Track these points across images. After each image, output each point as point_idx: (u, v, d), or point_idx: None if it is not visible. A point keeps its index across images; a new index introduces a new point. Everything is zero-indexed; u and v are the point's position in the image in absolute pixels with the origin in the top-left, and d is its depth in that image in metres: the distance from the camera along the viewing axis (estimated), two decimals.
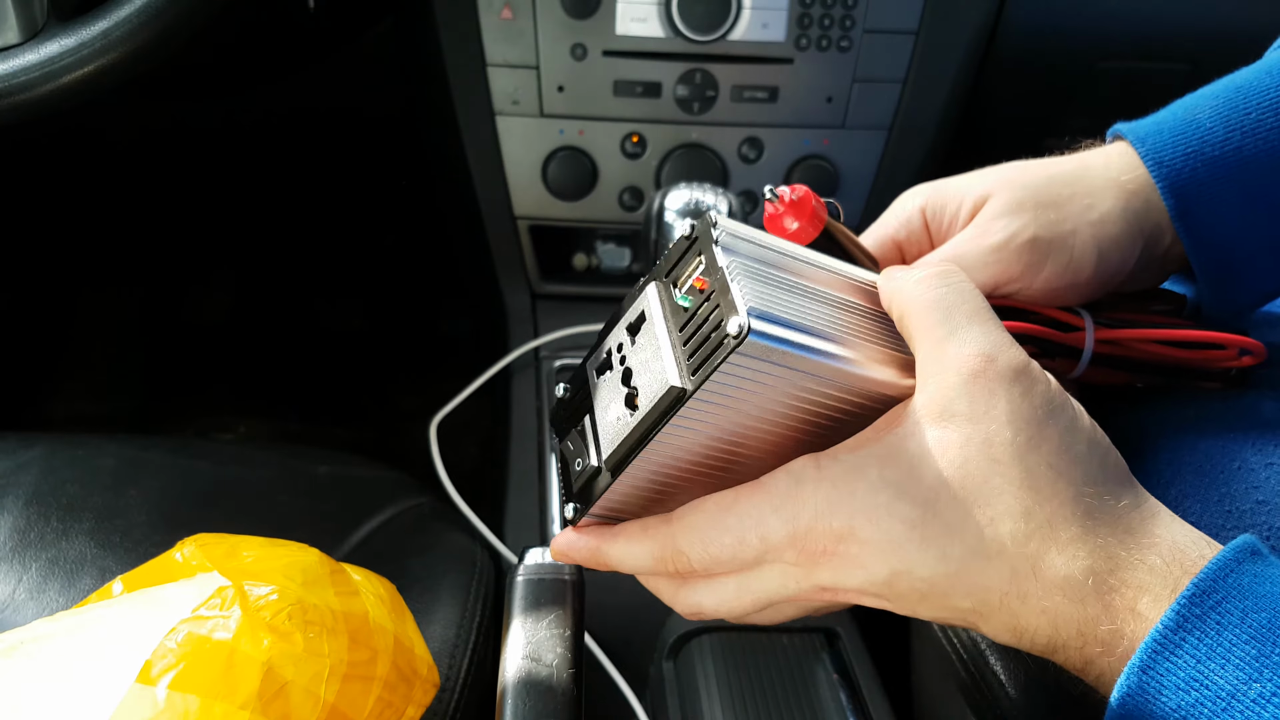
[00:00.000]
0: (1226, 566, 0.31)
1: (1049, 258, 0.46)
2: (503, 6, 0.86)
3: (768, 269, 0.36)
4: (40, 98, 0.62)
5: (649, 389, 0.35)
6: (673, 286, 0.36)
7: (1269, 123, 0.46)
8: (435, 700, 0.52)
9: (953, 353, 0.34)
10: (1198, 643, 0.30)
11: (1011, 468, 0.32)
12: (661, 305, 0.36)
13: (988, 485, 0.32)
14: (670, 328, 0.35)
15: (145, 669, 0.42)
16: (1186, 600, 0.30)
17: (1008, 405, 0.33)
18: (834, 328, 0.35)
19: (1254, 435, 0.44)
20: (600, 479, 0.37)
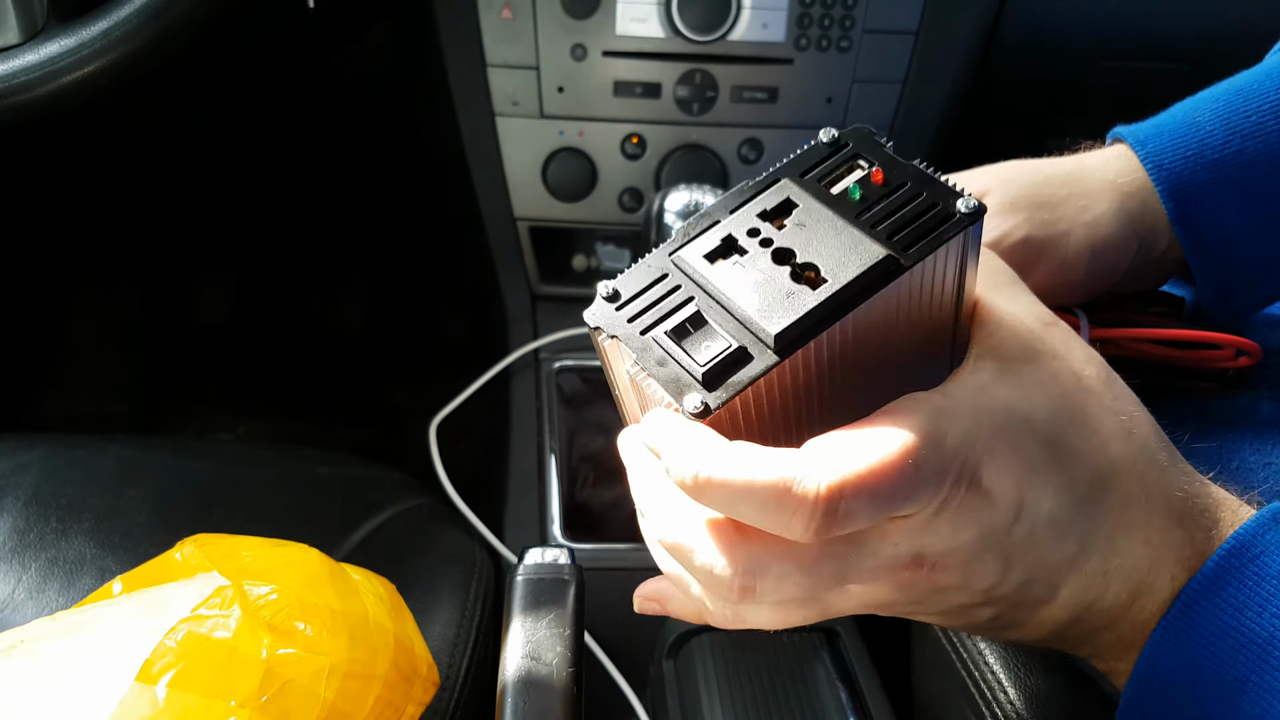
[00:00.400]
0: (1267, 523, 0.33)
1: (1042, 257, 0.46)
2: (503, 7, 0.86)
3: None
4: (40, 98, 0.62)
5: (843, 262, 0.30)
6: (818, 184, 0.33)
7: (1269, 125, 0.46)
8: (435, 699, 0.52)
9: (1025, 304, 0.35)
10: (1236, 591, 0.31)
11: (1103, 396, 0.33)
12: (809, 196, 0.32)
13: (1088, 412, 0.32)
14: (837, 214, 0.31)
15: (145, 668, 0.42)
16: (1227, 551, 0.32)
17: (1081, 348, 0.34)
18: None
19: (1252, 435, 0.44)
20: (758, 360, 0.30)
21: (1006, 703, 0.48)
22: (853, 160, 0.33)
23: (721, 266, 0.32)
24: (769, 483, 0.28)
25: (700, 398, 0.30)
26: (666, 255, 0.33)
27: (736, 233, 0.32)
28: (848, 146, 0.33)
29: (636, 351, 0.31)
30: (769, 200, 0.32)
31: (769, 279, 0.31)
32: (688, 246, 0.32)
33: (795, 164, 0.33)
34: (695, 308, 0.31)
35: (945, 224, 0.30)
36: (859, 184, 0.32)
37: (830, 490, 0.28)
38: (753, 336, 0.30)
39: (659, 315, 0.32)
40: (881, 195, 0.31)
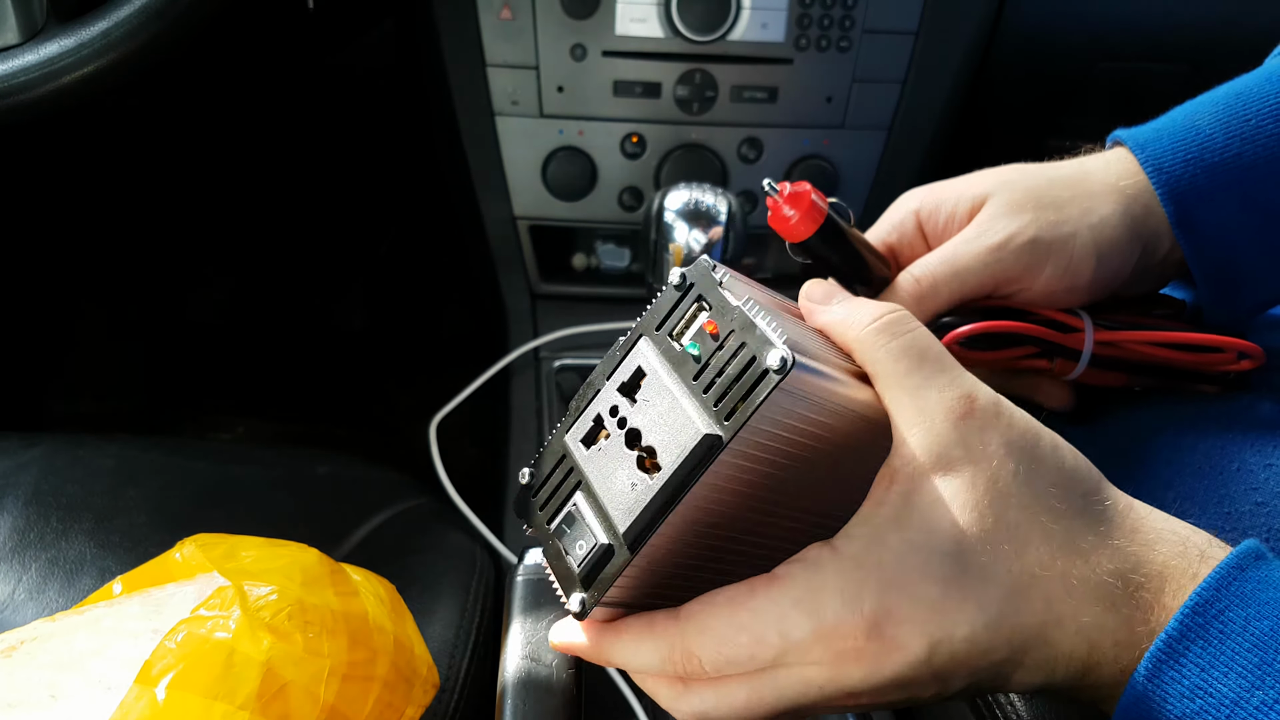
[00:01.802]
0: (1229, 574, 0.31)
1: (1048, 260, 0.46)
2: (502, 7, 0.86)
3: (766, 307, 0.34)
4: (40, 98, 0.62)
5: (672, 444, 0.32)
6: (669, 339, 0.34)
7: (1269, 129, 0.46)
8: (435, 700, 0.52)
9: (934, 398, 0.33)
10: (1201, 651, 0.30)
11: (1021, 497, 0.32)
12: (660, 358, 0.33)
13: (1004, 521, 0.32)
14: (679, 379, 0.33)
15: (145, 669, 0.42)
16: (1190, 609, 0.31)
17: (1000, 440, 0.33)
18: (826, 355, 0.35)
19: (1253, 436, 0.44)
20: (617, 557, 0.33)
21: (1007, 703, 0.48)
22: (697, 304, 0.33)
23: (593, 452, 0.34)
24: (646, 661, 0.34)
25: (580, 597, 0.33)
26: (564, 437, 0.35)
27: (603, 411, 0.34)
28: (691, 289, 0.34)
29: (544, 544, 0.35)
30: (625, 370, 0.34)
31: (623, 467, 0.33)
32: (571, 430, 0.35)
33: (653, 315, 0.34)
34: (571, 505, 0.34)
35: (758, 385, 0.31)
36: (697, 338, 0.33)
37: (686, 655, 0.33)
38: (614, 530, 0.33)
39: (554, 508, 0.35)
40: (714, 350, 0.32)
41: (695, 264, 0.34)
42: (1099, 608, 0.32)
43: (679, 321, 0.34)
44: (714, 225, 0.74)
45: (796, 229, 0.46)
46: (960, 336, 0.47)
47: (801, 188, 0.46)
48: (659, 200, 0.79)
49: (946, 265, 0.47)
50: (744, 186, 0.94)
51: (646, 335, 0.34)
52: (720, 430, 0.31)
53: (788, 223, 0.47)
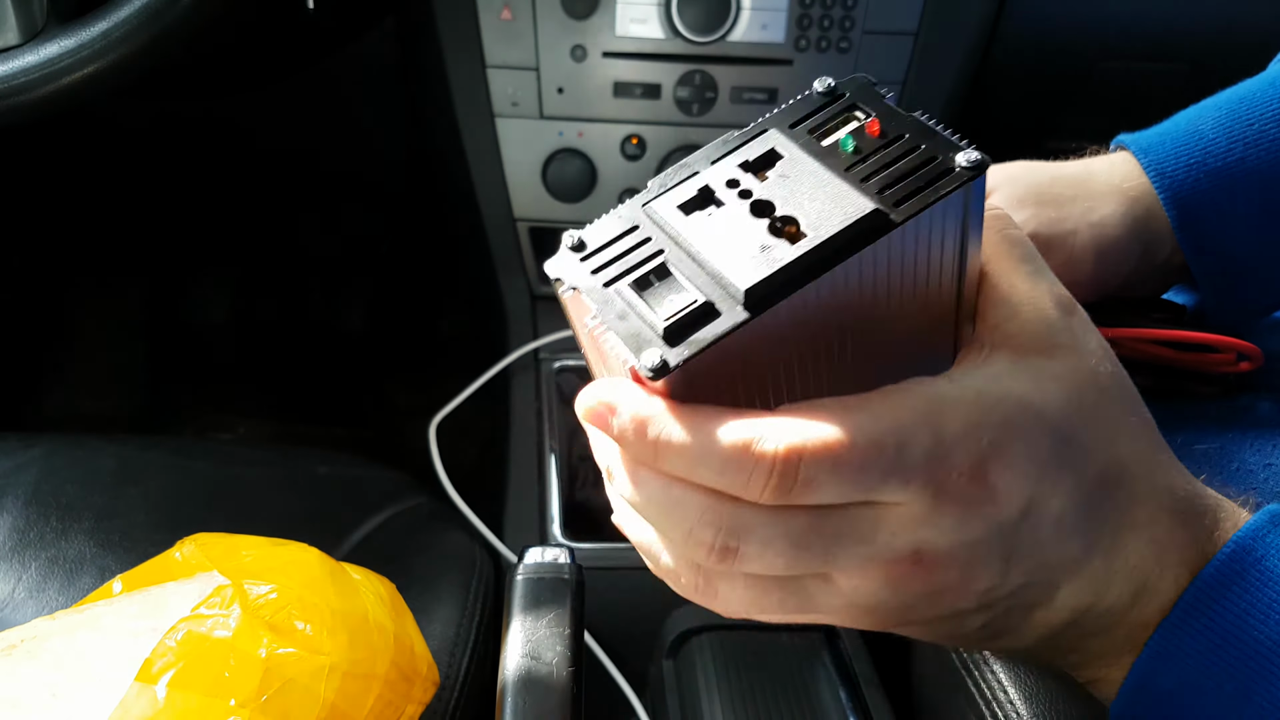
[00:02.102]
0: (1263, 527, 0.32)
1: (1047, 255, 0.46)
2: (502, 7, 0.86)
3: None
4: (40, 99, 0.62)
5: (826, 215, 0.28)
6: (808, 135, 0.30)
7: (1272, 134, 0.46)
8: (435, 699, 0.52)
9: (1045, 289, 0.33)
10: (1239, 596, 0.31)
11: (1119, 394, 0.33)
12: (799, 147, 0.30)
13: (1103, 409, 0.32)
14: (828, 167, 0.29)
15: (145, 667, 0.42)
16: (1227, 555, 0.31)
17: (1098, 341, 0.33)
18: None
19: (1251, 436, 0.44)
20: (725, 317, 0.27)
21: (1007, 703, 0.48)
22: (848, 111, 0.31)
23: (696, 218, 0.29)
24: (728, 444, 0.27)
25: (659, 354, 0.27)
26: (639, 206, 0.31)
27: (714, 184, 0.30)
28: (844, 97, 0.31)
29: (597, 304, 0.29)
30: (752, 151, 0.30)
31: (746, 232, 0.28)
32: (661, 198, 0.30)
33: (785, 114, 0.31)
34: (662, 259, 0.29)
35: (942, 178, 0.28)
36: (853, 135, 0.30)
37: (789, 451, 0.26)
38: (723, 291, 0.28)
39: (624, 268, 0.29)
40: (876, 148, 0.29)
41: (851, 78, 0.31)
42: (1173, 519, 0.32)
43: (825, 123, 0.31)
44: None
45: None
46: None
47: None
48: None
49: None
50: None
51: (776, 129, 0.31)
52: (891, 213, 0.28)
53: None
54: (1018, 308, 0.32)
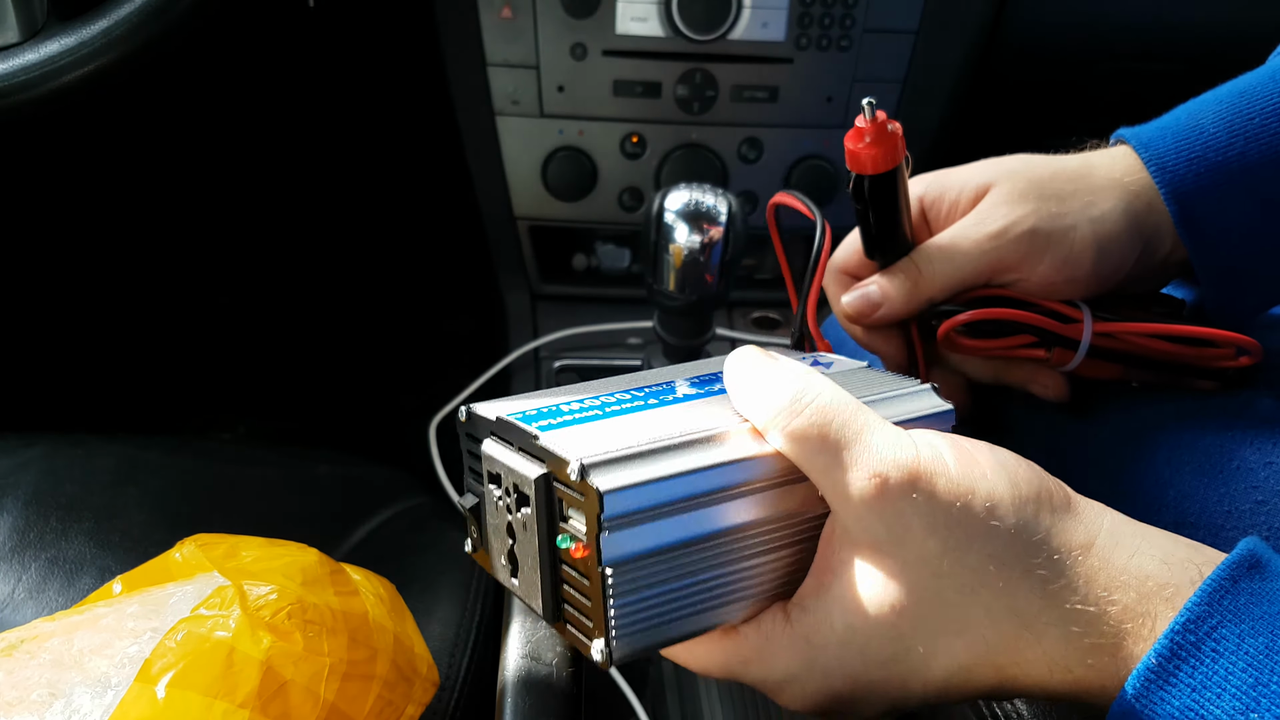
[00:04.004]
0: (1221, 588, 0.30)
1: (1048, 250, 0.46)
2: (503, 6, 0.86)
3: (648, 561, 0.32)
4: (41, 97, 0.62)
5: (527, 585, 0.35)
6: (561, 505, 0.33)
7: (1273, 128, 0.45)
8: (435, 699, 0.52)
9: (844, 480, 0.32)
10: (1192, 671, 0.29)
11: (956, 577, 0.31)
12: (546, 511, 0.33)
13: (942, 602, 0.31)
14: (552, 542, 0.33)
15: (145, 668, 0.42)
16: (1180, 627, 0.29)
17: (920, 520, 0.31)
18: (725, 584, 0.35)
19: (1252, 434, 0.44)
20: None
21: (1007, 702, 0.48)
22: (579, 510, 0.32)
23: (489, 492, 0.37)
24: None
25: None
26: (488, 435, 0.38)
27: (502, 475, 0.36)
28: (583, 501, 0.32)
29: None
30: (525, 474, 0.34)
31: (502, 538, 0.36)
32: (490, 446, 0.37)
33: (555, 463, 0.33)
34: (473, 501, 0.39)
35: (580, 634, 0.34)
36: (569, 536, 0.33)
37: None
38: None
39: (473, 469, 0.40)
40: (574, 572, 0.33)
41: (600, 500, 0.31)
42: (1053, 669, 0.31)
43: (568, 505, 0.33)
44: (714, 226, 0.74)
45: (872, 161, 0.45)
46: (958, 323, 0.47)
47: (896, 129, 0.45)
48: (659, 201, 0.79)
49: (944, 251, 0.47)
50: (744, 187, 0.94)
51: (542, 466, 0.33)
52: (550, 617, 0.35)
53: (857, 143, 0.45)
54: (834, 507, 0.33)
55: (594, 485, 0.30)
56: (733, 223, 0.73)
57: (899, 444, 0.32)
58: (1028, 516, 0.32)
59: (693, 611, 0.34)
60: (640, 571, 0.32)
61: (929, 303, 0.48)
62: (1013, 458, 0.33)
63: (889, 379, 0.41)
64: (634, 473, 0.32)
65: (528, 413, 0.36)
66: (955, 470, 0.32)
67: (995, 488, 0.32)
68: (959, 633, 0.31)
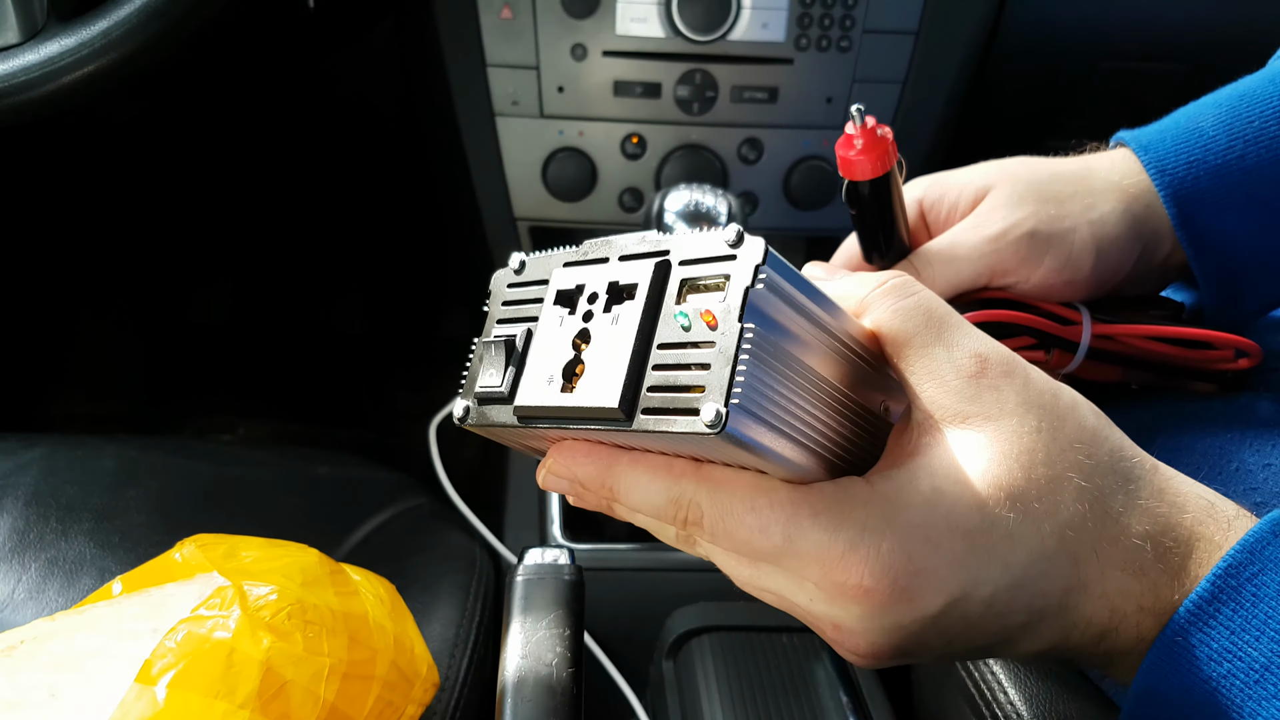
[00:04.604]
0: (1264, 539, 0.30)
1: (1047, 252, 0.46)
2: (502, 6, 0.86)
3: (779, 342, 0.31)
4: (41, 98, 0.62)
5: (595, 385, 0.31)
6: (679, 289, 0.31)
7: (1272, 131, 0.46)
8: (435, 699, 0.52)
9: (944, 356, 0.32)
10: (1232, 614, 0.30)
11: (1048, 453, 0.31)
12: (655, 294, 0.31)
13: (1032, 477, 0.31)
14: (652, 329, 0.31)
15: (145, 668, 0.42)
16: (1223, 571, 0.30)
17: (1016, 397, 0.32)
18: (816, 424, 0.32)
19: (1251, 436, 0.44)
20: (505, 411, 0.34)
21: (1006, 703, 0.48)
22: (722, 279, 0.31)
23: (553, 312, 0.34)
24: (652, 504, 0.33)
25: (464, 405, 0.36)
26: (561, 264, 0.35)
27: (586, 285, 0.33)
28: (732, 259, 0.31)
29: (482, 338, 0.36)
30: (627, 273, 0.33)
31: (558, 354, 0.33)
32: (566, 271, 0.34)
33: (690, 245, 0.32)
34: (522, 333, 0.35)
35: (683, 415, 0.29)
36: (692, 310, 0.31)
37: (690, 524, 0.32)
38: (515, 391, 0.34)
39: (508, 317, 0.36)
40: (688, 344, 0.30)
41: (747, 242, 0.30)
42: (1126, 572, 0.31)
43: (700, 278, 0.31)
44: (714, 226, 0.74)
45: (854, 164, 0.45)
46: None
47: (886, 133, 0.45)
48: (659, 201, 0.79)
49: (943, 253, 0.47)
50: (744, 187, 0.94)
51: (672, 256, 0.32)
52: (631, 417, 0.31)
53: (849, 149, 0.45)
54: (919, 390, 0.33)
55: (759, 240, 0.30)
56: (732, 223, 0.73)
57: (995, 341, 0.34)
58: (1104, 423, 0.33)
59: (794, 434, 0.31)
60: (768, 353, 0.30)
61: None
62: None
63: None
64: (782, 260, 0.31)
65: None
66: (1040, 372, 0.33)
67: (1074, 393, 0.33)
68: (1046, 514, 0.31)
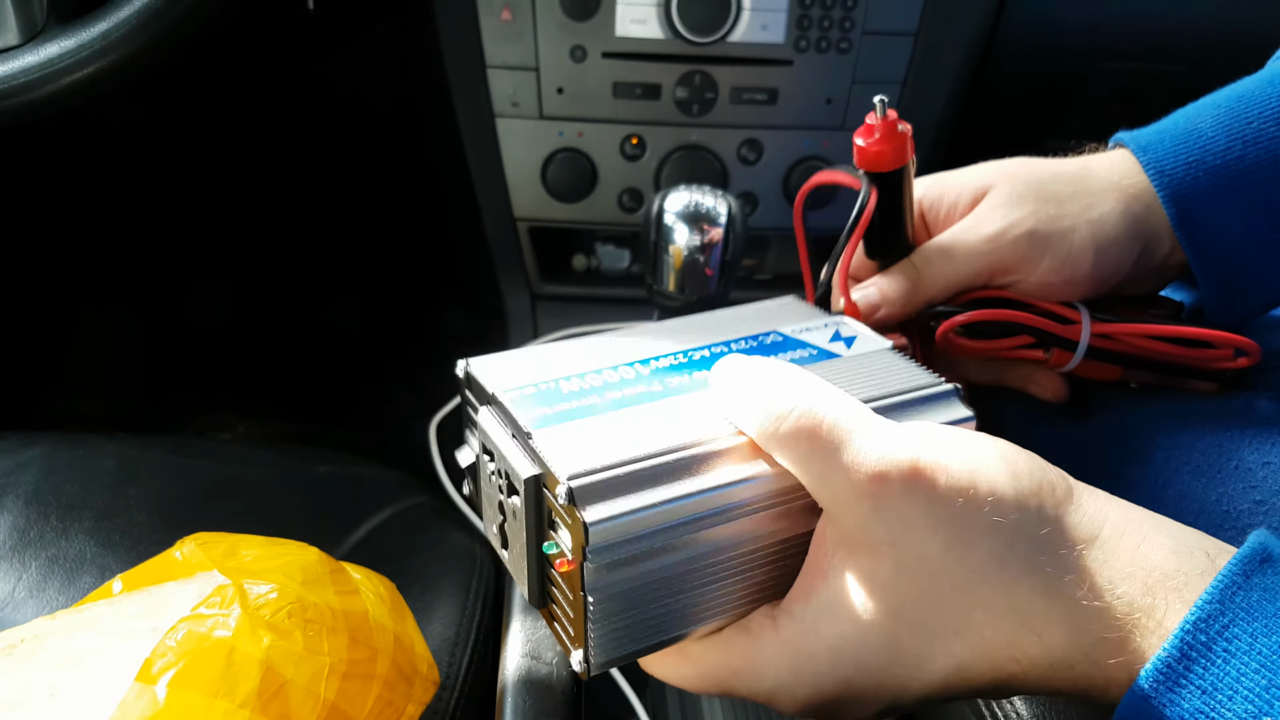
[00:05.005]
0: (1233, 584, 0.28)
1: (1046, 252, 0.46)
2: (502, 8, 0.86)
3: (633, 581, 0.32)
4: (40, 99, 0.62)
5: (515, 567, 0.35)
6: (549, 514, 0.33)
7: (1270, 132, 0.46)
8: (435, 699, 0.52)
9: (841, 482, 0.31)
10: (1203, 672, 0.28)
11: (955, 574, 0.30)
12: (534, 512, 0.33)
13: (940, 602, 0.30)
14: (539, 540, 0.34)
15: (145, 667, 0.42)
16: (1191, 626, 0.28)
17: (921, 515, 0.30)
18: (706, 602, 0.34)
19: (1250, 434, 0.44)
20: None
21: (1006, 703, 0.48)
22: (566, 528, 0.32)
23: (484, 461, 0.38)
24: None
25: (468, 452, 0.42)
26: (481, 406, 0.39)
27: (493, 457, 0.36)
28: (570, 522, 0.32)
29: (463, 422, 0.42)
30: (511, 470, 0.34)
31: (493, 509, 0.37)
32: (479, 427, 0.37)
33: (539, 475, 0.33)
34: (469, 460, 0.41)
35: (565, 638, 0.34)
36: (558, 550, 0.33)
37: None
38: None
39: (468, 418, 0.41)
40: (556, 577, 0.33)
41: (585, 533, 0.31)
42: (1053, 671, 0.30)
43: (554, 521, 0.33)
44: (714, 227, 0.74)
45: (880, 158, 0.45)
46: (957, 324, 0.48)
47: (905, 125, 0.45)
48: (659, 202, 0.79)
49: (943, 252, 0.47)
50: (744, 188, 0.94)
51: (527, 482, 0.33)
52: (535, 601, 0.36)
53: (876, 148, 0.45)
54: (829, 509, 0.32)
55: (581, 516, 0.30)
56: (732, 224, 0.73)
57: (896, 440, 0.31)
58: (1030, 511, 0.31)
59: (676, 625, 0.33)
60: (623, 594, 0.31)
61: (928, 304, 0.48)
62: (1013, 449, 0.33)
63: (908, 371, 0.40)
64: (622, 500, 0.31)
65: (525, 391, 0.36)
66: (955, 465, 0.31)
67: (997, 482, 0.31)
68: (957, 632, 0.31)
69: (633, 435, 0.34)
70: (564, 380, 0.37)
